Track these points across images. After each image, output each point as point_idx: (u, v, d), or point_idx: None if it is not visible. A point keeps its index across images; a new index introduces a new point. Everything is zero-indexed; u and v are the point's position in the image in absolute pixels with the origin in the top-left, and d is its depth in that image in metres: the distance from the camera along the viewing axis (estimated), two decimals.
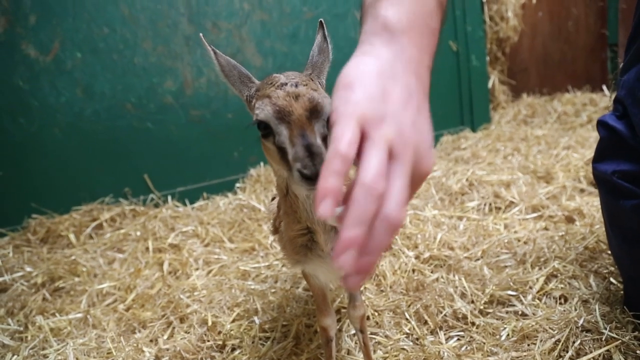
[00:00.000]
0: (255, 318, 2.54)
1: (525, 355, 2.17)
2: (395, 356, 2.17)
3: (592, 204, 3.56)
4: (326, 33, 1.67)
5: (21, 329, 2.96)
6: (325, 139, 1.29)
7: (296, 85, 1.34)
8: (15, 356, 2.58)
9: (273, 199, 2.26)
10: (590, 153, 4.51)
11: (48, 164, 4.32)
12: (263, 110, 1.33)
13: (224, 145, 4.65)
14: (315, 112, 1.30)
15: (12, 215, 4.25)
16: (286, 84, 1.34)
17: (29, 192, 4.29)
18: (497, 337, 2.31)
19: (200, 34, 1.70)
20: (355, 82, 1.05)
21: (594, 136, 5.18)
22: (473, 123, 5.76)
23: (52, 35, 4.22)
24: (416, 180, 1.07)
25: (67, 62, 4.28)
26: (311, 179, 1.18)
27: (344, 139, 0.95)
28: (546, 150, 4.92)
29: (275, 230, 2.10)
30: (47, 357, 2.48)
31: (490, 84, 6.23)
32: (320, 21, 1.70)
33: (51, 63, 4.25)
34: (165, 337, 2.52)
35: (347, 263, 0.92)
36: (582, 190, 3.95)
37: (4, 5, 4.05)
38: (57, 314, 2.98)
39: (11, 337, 2.88)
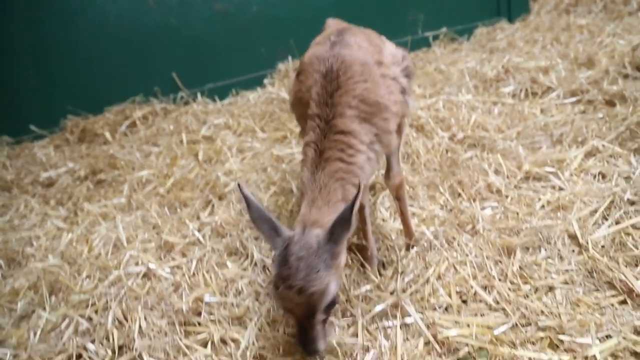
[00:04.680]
0: (293, 185, 2.59)
1: (559, 223, 2.19)
2: (431, 220, 2.22)
3: (635, 88, 3.40)
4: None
5: (72, 215, 3.15)
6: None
7: (299, 292, 1.54)
8: (70, 234, 2.75)
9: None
10: (638, 39, 4.23)
11: (78, 66, 4.33)
12: (276, 299, 1.67)
13: (251, 40, 4.54)
14: (312, 312, 1.59)
15: (49, 118, 4.35)
16: (293, 285, 1.54)
17: (62, 95, 4.35)
18: (532, 207, 2.32)
19: (239, 183, 1.72)
20: None
21: None
22: (510, 13, 5.42)
23: None
24: None
25: None
26: None
27: None
28: (589, 39, 4.63)
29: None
30: (99, 232, 2.64)
31: None
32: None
33: None
34: (206, 214, 2.64)
35: None
36: (626, 76, 3.74)
37: None
38: (102, 200, 3.13)
39: (64, 221, 3.06)
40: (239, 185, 1.71)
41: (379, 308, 1.90)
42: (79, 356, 1.96)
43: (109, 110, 4.35)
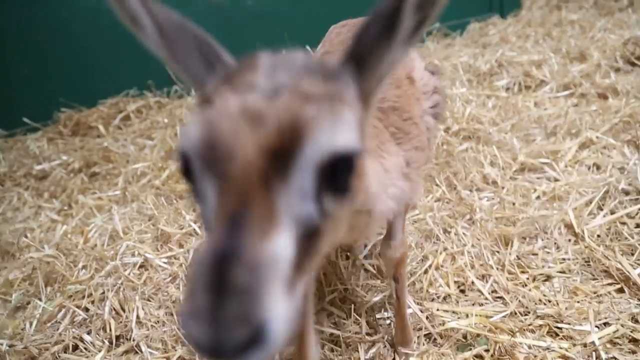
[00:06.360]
0: None
1: (555, 213, 2.21)
2: (428, 211, 2.23)
3: (627, 81, 3.44)
4: None
5: (66, 207, 3.11)
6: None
7: (274, 92, 0.69)
8: (65, 226, 2.73)
9: None
10: (629, 34, 4.28)
11: (71, 59, 4.27)
12: (188, 133, 0.70)
13: (245, 35, 4.51)
14: (286, 157, 0.65)
15: (42, 111, 4.29)
16: (256, 84, 0.71)
17: (55, 88, 4.30)
18: (528, 198, 2.34)
19: None
20: None
21: (634, 19, 4.88)
22: (502, 9, 5.45)
23: None
24: None
25: None
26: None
27: None
28: (580, 34, 4.68)
29: None
30: (95, 224, 2.62)
31: None
32: None
33: None
34: None
35: None
36: (617, 69, 3.79)
37: None
38: (97, 193, 3.11)
39: (58, 214, 3.03)
40: None
41: (376, 299, 1.91)
42: (76, 347, 1.95)
43: (103, 103, 4.31)
